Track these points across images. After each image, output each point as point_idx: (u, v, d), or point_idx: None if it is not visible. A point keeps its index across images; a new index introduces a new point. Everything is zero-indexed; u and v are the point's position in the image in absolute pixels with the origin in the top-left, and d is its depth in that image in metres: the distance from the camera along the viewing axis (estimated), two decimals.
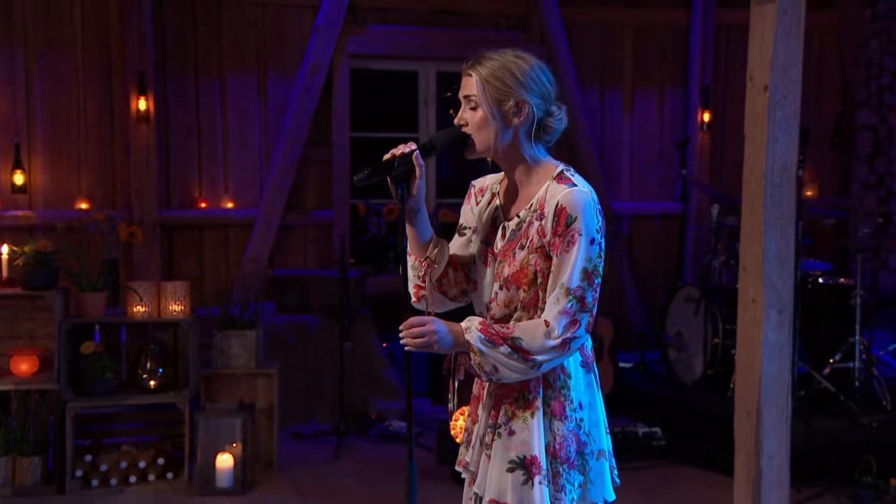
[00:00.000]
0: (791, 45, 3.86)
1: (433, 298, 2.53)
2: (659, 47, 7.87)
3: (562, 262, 2.31)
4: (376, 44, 7.17)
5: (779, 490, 3.94)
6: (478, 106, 2.38)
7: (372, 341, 6.51)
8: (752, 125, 3.91)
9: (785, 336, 3.91)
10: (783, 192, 3.87)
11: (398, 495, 5.04)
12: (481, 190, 2.59)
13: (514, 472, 2.37)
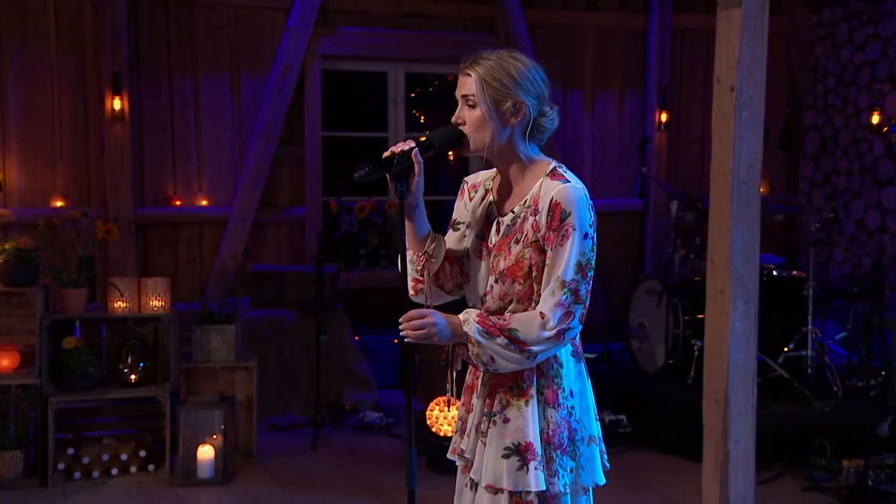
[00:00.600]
0: (756, 48, 3.92)
1: (431, 292, 2.53)
2: (618, 50, 7.93)
3: (556, 256, 2.32)
4: (346, 45, 7.14)
5: (745, 471, 4.02)
6: (476, 105, 2.37)
7: (346, 335, 6.50)
8: (720, 124, 3.97)
9: (751, 326, 3.99)
10: (749, 189, 3.93)
11: (376, 483, 5.08)
12: (474, 186, 2.59)
13: (509, 458, 2.38)
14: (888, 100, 7.59)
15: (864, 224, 7.79)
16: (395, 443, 5.83)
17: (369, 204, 7.10)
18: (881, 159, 7.68)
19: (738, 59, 3.88)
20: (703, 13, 8.05)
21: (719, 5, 4.00)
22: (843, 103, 8.06)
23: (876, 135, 7.67)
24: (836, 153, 8.11)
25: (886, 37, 7.66)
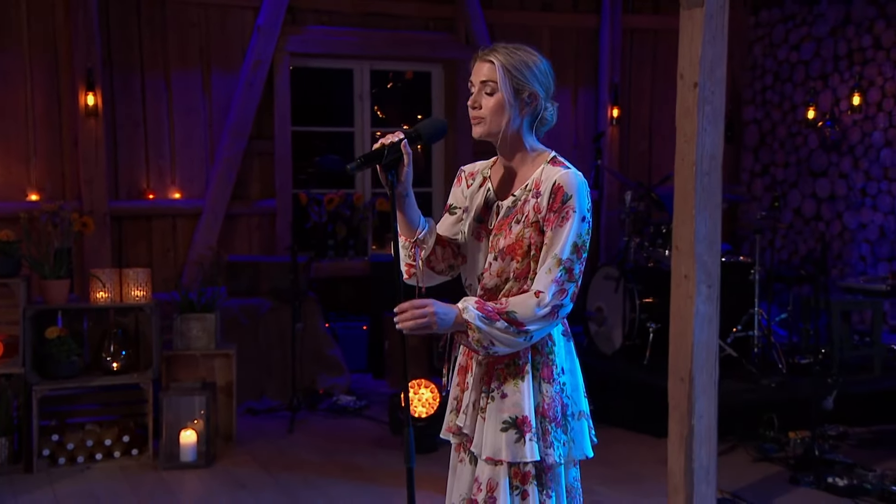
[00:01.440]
0: (717, 46, 3.97)
1: (423, 275, 2.52)
2: (572, 49, 7.98)
3: (555, 236, 2.35)
4: (314, 43, 7.10)
5: (708, 445, 4.08)
6: (495, 91, 2.37)
7: (318, 322, 6.47)
8: (683, 118, 4.02)
9: (713, 308, 4.05)
10: (712, 179, 4.00)
11: (354, 464, 5.08)
12: (472, 174, 2.59)
13: (507, 431, 2.39)
14: (822, 96, 7.77)
15: (800, 212, 7.97)
16: (370, 424, 5.82)
17: (338, 196, 7.07)
18: (815, 152, 7.86)
19: (700, 57, 3.91)
20: (651, 14, 8.16)
21: (682, 5, 4.02)
22: (780, 99, 8.22)
23: (811, 129, 7.84)
24: (774, 146, 8.27)
25: (819, 37, 7.83)
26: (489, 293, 2.45)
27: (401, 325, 2.32)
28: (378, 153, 2.33)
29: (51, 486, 4.73)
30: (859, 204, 7.46)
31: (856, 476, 4.62)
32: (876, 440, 5.50)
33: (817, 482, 4.66)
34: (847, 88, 7.52)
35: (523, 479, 2.42)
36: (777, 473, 4.88)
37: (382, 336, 6.78)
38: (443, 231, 2.58)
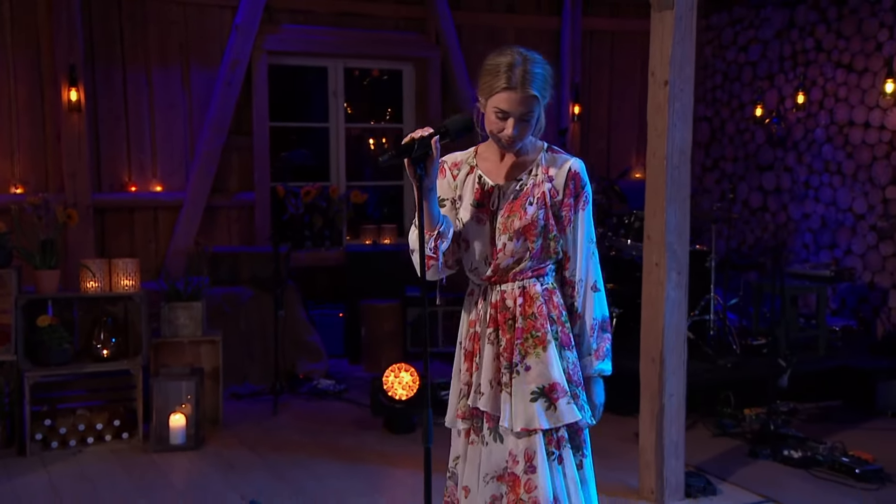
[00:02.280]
0: (686, 46, 4.04)
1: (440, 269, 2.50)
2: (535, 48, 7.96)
3: (583, 222, 2.49)
4: (290, 42, 7.06)
5: (677, 422, 4.18)
6: (531, 119, 2.40)
7: (297, 309, 6.46)
8: (654, 114, 4.09)
9: (682, 294, 4.14)
10: (681, 172, 4.07)
11: (339, 444, 5.09)
12: (455, 164, 2.58)
13: (537, 400, 2.42)
14: (768, 95, 7.91)
15: (748, 204, 8.12)
16: (350, 407, 5.83)
17: (314, 189, 7.05)
18: (762, 147, 8.01)
19: (670, 56, 3.99)
20: (609, 17, 8.23)
21: (653, 7, 4.08)
22: (728, 98, 8.36)
23: (758, 126, 7.98)
24: (723, 142, 8.41)
25: (766, 40, 7.98)
26: (502, 273, 2.47)
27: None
28: (409, 147, 2.32)
29: (44, 468, 4.68)
30: (803, 196, 7.62)
31: (808, 449, 4.74)
32: (823, 415, 5.65)
33: (774, 455, 4.77)
34: (791, 88, 7.66)
35: (558, 444, 2.46)
36: (736, 447, 4.99)
37: (359, 323, 6.78)
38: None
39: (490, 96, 2.40)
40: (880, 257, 6.99)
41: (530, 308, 2.47)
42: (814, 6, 7.51)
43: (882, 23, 6.95)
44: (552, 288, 2.51)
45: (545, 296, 2.48)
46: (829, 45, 7.38)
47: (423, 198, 2.39)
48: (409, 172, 2.37)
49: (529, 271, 2.47)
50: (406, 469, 4.66)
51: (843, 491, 4.32)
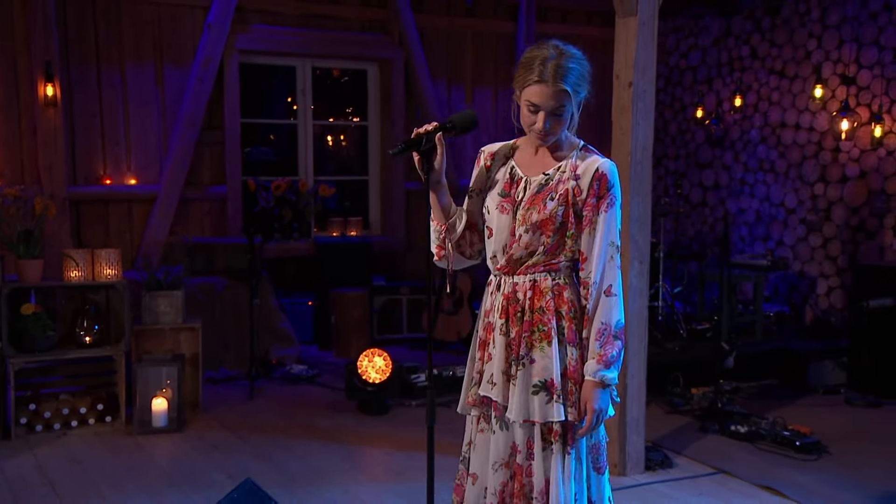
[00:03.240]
0: (648, 50, 4.10)
1: (453, 257, 2.48)
2: (493, 51, 8.05)
3: (604, 223, 2.34)
4: (260, 41, 6.99)
5: (638, 400, 4.29)
6: (563, 114, 2.32)
7: (270, 298, 6.43)
8: (619, 114, 4.17)
9: (644, 282, 4.24)
10: (643, 168, 4.17)
11: (316, 426, 5.10)
12: (491, 155, 2.52)
13: (538, 394, 2.35)
14: (707, 98, 8.09)
15: (689, 199, 8.31)
16: (323, 390, 5.83)
17: (284, 183, 7.00)
18: (702, 146, 8.19)
19: (634, 60, 4.06)
20: (559, 23, 8.32)
21: (617, 13, 4.14)
22: (671, 100, 8.53)
23: (698, 126, 8.16)
24: (666, 141, 8.58)
25: (705, 47, 8.16)
26: (514, 263, 2.39)
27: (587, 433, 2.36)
28: (416, 141, 2.31)
29: (31, 451, 4.60)
30: (739, 192, 7.82)
31: (752, 424, 4.89)
32: (762, 393, 5.83)
33: (722, 430, 4.92)
34: (728, 91, 7.85)
35: (553, 437, 2.38)
36: (687, 424, 5.12)
37: (329, 311, 6.78)
38: (471, 214, 2.49)
39: (523, 89, 2.32)
40: (809, 248, 7.21)
41: (539, 302, 2.38)
42: (749, 16, 7.70)
43: (811, 33, 7.16)
44: (564, 284, 2.39)
45: (555, 291, 2.38)
46: (763, 53, 7.57)
47: (431, 190, 2.38)
48: (417, 165, 2.35)
49: (542, 265, 2.38)
50: (382, 448, 4.70)
51: (786, 462, 4.48)
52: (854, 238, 6.89)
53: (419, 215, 7.82)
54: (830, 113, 6.98)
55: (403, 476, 4.26)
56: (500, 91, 8.11)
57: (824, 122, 7.06)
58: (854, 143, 6.83)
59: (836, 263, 7.02)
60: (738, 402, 5.46)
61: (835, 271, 7.03)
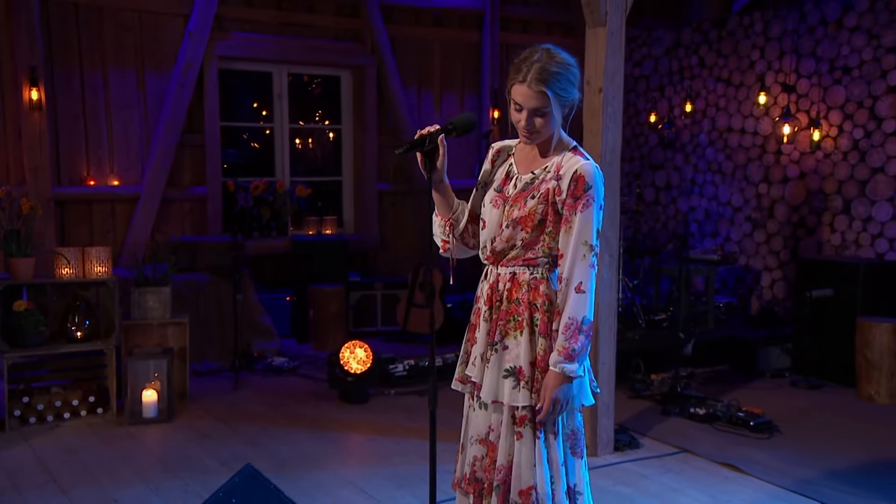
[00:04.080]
0: (616, 58, 4.18)
1: (456, 250, 2.52)
2: (459, 59, 8.10)
3: (581, 223, 2.31)
4: (239, 48, 6.95)
5: (608, 385, 4.39)
6: (546, 115, 2.32)
7: (251, 294, 6.41)
8: (590, 118, 4.25)
9: (614, 274, 4.34)
10: (613, 168, 4.26)
11: (301, 414, 5.11)
12: (498, 151, 2.54)
13: (507, 378, 2.39)
14: (659, 104, 8.26)
15: (643, 198, 8.46)
16: (305, 381, 5.83)
17: (262, 183, 7.00)
18: (655, 149, 8.36)
19: (604, 67, 4.15)
20: (521, 33, 8.41)
21: (588, 24, 4.22)
22: (626, 106, 8.65)
23: (652, 130, 8.33)
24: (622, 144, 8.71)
25: (657, 56, 8.32)
26: (496, 255, 2.43)
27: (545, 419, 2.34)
28: (420, 142, 2.33)
29: (26, 442, 4.54)
30: (689, 191, 8.00)
31: (709, 406, 5.02)
32: (715, 378, 5.97)
33: (682, 412, 5.04)
34: (679, 98, 8.02)
35: (520, 422, 2.39)
36: (649, 407, 5.23)
37: (307, 306, 6.78)
38: (475, 206, 2.51)
39: (510, 89, 2.35)
40: (754, 244, 7.41)
41: (515, 294, 2.40)
42: (697, 29, 7.88)
43: (754, 45, 7.35)
44: (541, 279, 2.40)
45: (532, 284, 2.39)
46: (710, 63, 7.74)
47: (434, 188, 2.41)
48: (420, 164, 2.37)
49: (521, 259, 2.40)
50: (365, 435, 4.73)
51: (742, 441, 4.62)
52: (795, 234, 7.10)
53: (391, 214, 7.86)
54: (773, 118, 7.17)
55: (390, 460, 4.30)
56: (467, 96, 8.18)
57: (767, 126, 7.25)
58: (794, 146, 7.04)
59: (778, 257, 7.22)
60: (694, 386, 5.60)
61: (777, 265, 7.23)
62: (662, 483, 3.98)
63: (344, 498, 3.78)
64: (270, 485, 3.34)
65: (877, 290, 5.85)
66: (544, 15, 8.49)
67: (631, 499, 3.78)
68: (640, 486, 3.94)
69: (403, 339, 6.94)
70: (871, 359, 5.50)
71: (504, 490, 2.43)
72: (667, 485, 3.96)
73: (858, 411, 5.26)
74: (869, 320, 5.55)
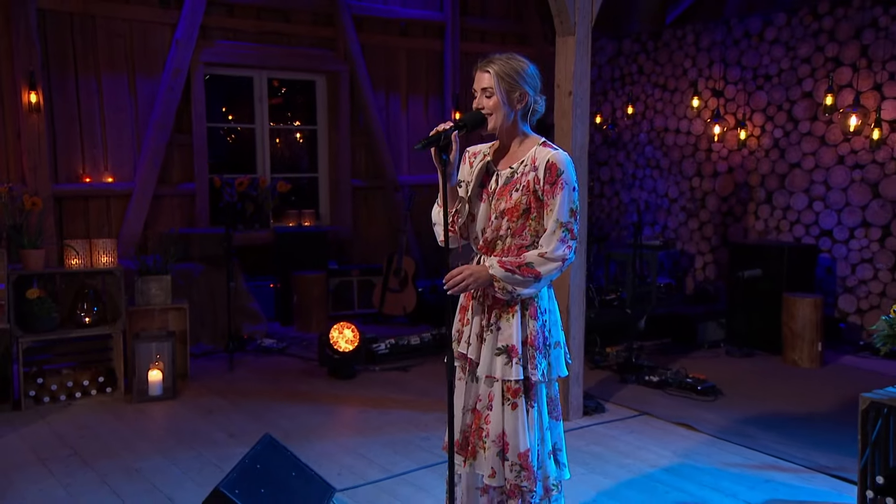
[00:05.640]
0: (584, 63, 4.30)
1: (453, 240, 2.57)
2: (424, 66, 8.15)
3: (555, 204, 2.38)
4: (223, 55, 6.90)
5: (578, 357, 4.51)
6: (492, 95, 2.40)
7: (240, 281, 6.40)
8: (560, 118, 4.37)
9: (583, 259, 4.47)
10: (581, 163, 4.38)
11: (296, 390, 5.15)
12: (474, 154, 2.61)
13: (500, 355, 2.45)
14: (604, 107, 8.44)
15: (590, 191, 8.64)
16: (294, 360, 5.86)
17: (246, 180, 6.97)
18: (600, 147, 8.54)
19: (573, 72, 4.28)
20: (479, 42, 8.50)
21: (558, 33, 4.32)
22: None
23: (597, 130, 8.50)
24: None
25: (601, 64, 8.50)
26: (488, 244, 2.49)
27: (451, 291, 2.38)
28: (435, 138, 2.36)
29: (43, 419, 4.49)
30: (631, 185, 8.22)
31: (660, 374, 5.21)
32: (661, 350, 6.16)
33: (638, 380, 5.22)
34: (621, 102, 8.22)
35: (514, 394, 2.45)
36: (609, 377, 5.39)
37: (291, 291, 6.79)
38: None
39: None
40: (689, 231, 7.66)
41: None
42: (636, 40, 8.08)
43: (687, 54, 7.58)
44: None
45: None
46: (648, 70, 7.95)
47: (446, 180, 2.43)
48: (434, 159, 2.40)
49: (513, 248, 2.45)
50: (357, 407, 4.79)
51: (692, 403, 4.81)
52: (724, 222, 7.36)
53: (363, 207, 7.90)
54: (704, 120, 7.41)
55: (382, 429, 4.37)
56: (431, 99, 8.25)
57: (699, 127, 7.50)
58: (723, 144, 7.29)
59: (710, 243, 7.48)
60: (644, 357, 5.78)
61: (709, 249, 7.49)
62: (628, 442, 4.14)
63: (347, 464, 3.84)
64: (287, 451, 3.41)
65: (798, 269, 6.13)
66: (499, 26, 8.61)
67: (604, 457, 3.92)
68: (611, 446, 4.09)
69: (378, 320, 7.00)
70: (794, 329, 5.77)
71: (502, 453, 2.49)
72: (632, 443, 4.13)
73: (785, 374, 5.52)
74: (793, 296, 5.81)
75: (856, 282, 6.36)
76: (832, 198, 6.50)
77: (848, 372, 5.55)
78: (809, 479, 3.66)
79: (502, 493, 2.55)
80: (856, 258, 6.35)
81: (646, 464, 3.83)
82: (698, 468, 3.78)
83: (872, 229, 6.26)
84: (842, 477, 3.65)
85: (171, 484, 3.59)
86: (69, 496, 3.46)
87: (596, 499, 3.41)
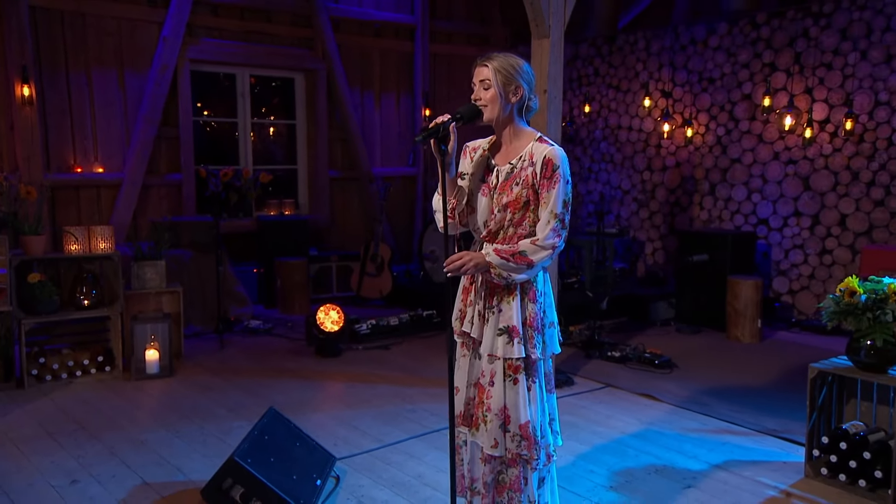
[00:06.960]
0: (557, 64, 4.32)
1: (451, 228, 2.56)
2: (395, 65, 8.16)
3: (550, 196, 2.37)
4: (208, 52, 6.80)
5: None
6: (490, 87, 2.39)
7: (227, 266, 6.35)
8: (536, 116, 4.39)
9: None
10: None
11: (284, 367, 5.16)
12: (474, 148, 2.61)
13: (501, 335, 2.45)
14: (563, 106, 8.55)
15: None
16: (281, 340, 5.85)
17: (230, 171, 6.87)
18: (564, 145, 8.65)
19: (548, 73, 4.32)
20: (446, 44, 8.54)
21: (533, 35, 4.33)
22: None
23: None
24: None
25: None
26: (492, 235, 2.50)
27: (451, 273, 2.39)
28: (435, 130, 2.34)
29: (46, 396, 4.42)
30: (587, 178, 8.35)
31: (621, 350, 5.34)
32: (619, 328, 6.32)
33: (601, 355, 5.34)
34: (578, 101, 8.32)
35: (515, 370, 2.46)
36: (574, 353, 5.50)
37: (274, 276, 6.76)
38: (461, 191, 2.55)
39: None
40: (640, 220, 7.83)
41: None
42: (592, 44, 8.20)
43: (638, 58, 7.73)
44: None
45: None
46: (603, 72, 8.05)
47: (445, 170, 2.43)
48: (433, 149, 2.38)
49: (514, 237, 2.45)
50: (344, 383, 4.82)
51: (651, 375, 4.96)
52: (672, 211, 7.55)
53: (340, 197, 7.89)
54: (654, 118, 7.57)
55: (371, 402, 4.40)
56: (402, 96, 8.25)
57: (650, 125, 7.65)
58: (672, 141, 7.46)
59: (659, 230, 7.66)
60: (605, 335, 5.93)
61: (658, 236, 7.68)
62: (598, 412, 4.26)
63: (341, 435, 3.87)
64: (291, 424, 3.44)
65: (740, 254, 6.33)
66: (465, 28, 8.64)
67: (578, 425, 4.03)
68: (582, 415, 4.19)
69: (356, 302, 7.02)
70: (737, 308, 5.97)
71: (504, 425, 2.53)
72: (601, 413, 4.24)
73: (730, 349, 5.71)
74: (736, 278, 6.01)
75: (788, 265, 6.60)
76: (768, 190, 6.72)
77: (784, 346, 5.77)
78: (761, 440, 3.83)
79: (502, 463, 2.62)
80: (788, 244, 6.59)
81: (615, 430, 3.95)
82: (663, 434, 3.91)
83: (803, 218, 6.50)
84: (789, 439, 3.82)
85: (178, 455, 3.58)
86: (81, 467, 3.43)
87: (575, 462, 3.52)
